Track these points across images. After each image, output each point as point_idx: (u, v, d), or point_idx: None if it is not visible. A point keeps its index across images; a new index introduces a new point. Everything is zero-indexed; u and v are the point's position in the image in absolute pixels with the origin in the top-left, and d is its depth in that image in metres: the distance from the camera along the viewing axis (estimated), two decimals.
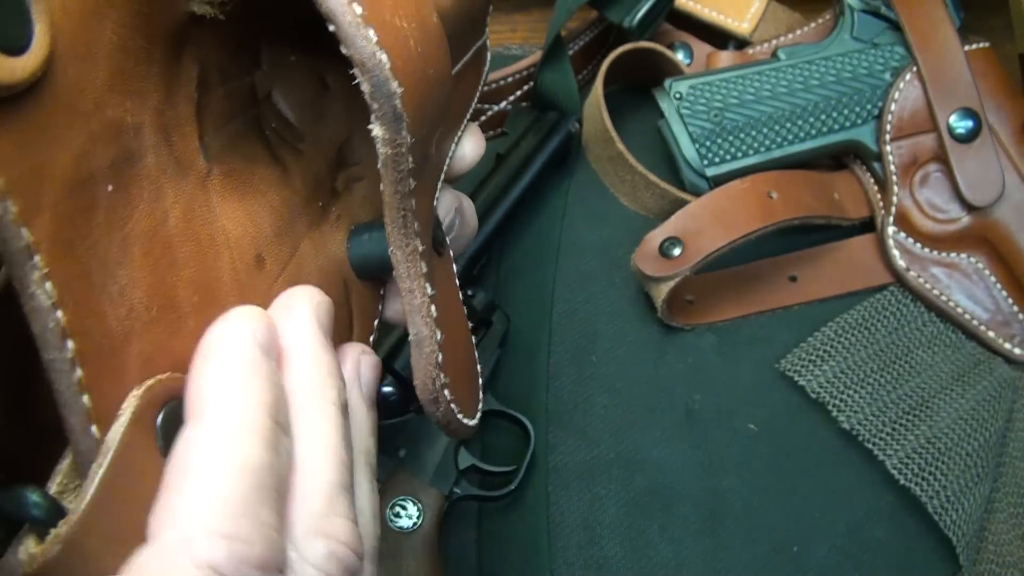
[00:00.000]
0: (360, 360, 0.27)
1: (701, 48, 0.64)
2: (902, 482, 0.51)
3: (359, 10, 0.21)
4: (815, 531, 0.52)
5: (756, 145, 0.57)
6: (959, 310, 0.57)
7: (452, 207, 0.33)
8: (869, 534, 0.52)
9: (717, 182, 0.57)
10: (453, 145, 0.36)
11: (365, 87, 0.22)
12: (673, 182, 0.58)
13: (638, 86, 0.63)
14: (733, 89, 0.57)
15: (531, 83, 0.61)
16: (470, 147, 0.35)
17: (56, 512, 0.19)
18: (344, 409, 0.24)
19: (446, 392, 0.26)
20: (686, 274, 0.52)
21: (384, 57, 0.22)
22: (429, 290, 0.25)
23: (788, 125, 0.58)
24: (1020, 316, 0.57)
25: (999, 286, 0.57)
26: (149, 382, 0.22)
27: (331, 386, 0.24)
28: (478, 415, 0.30)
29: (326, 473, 0.22)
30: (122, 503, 0.20)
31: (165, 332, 0.23)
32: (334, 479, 0.22)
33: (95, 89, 0.22)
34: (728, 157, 0.57)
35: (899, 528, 0.52)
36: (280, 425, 0.21)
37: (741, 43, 0.64)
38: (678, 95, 0.57)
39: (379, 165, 0.23)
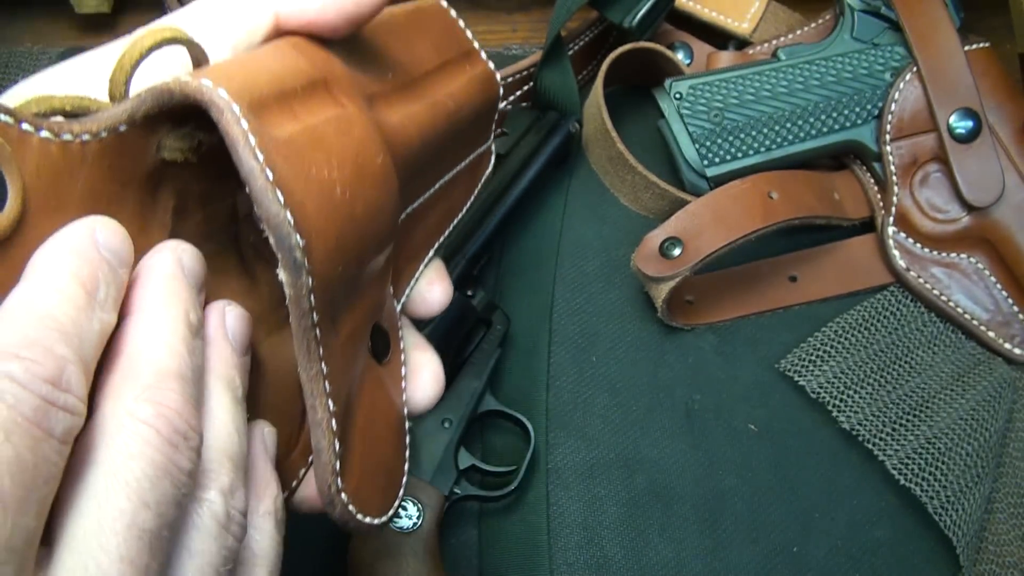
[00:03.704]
0: (224, 310, 0.30)
1: (701, 48, 0.64)
2: (902, 482, 0.52)
3: (271, 175, 0.24)
4: (815, 531, 0.52)
5: (756, 145, 0.57)
6: (959, 310, 0.57)
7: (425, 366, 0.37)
8: (869, 534, 0.52)
9: (717, 182, 0.57)
10: (421, 266, 0.39)
11: (271, 239, 0.25)
12: (673, 182, 0.58)
13: (638, 86, 0.63)
14: (733, 89, 0.57)
15: (531, 83, 0.61)
16: (438, 293, 0.39)
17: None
18: (192, 327, 0.27)
19: (343, 496, 0.30)
20: (686, 274, 0.52)
21: (288, 215, 0.25)
22: (331, 406, 0.29)
23: (788, 125, 0.58)
24: (1020, 316, 0.57)
25: (999, 286, 0.57)
26: None
27: (176, 304, 0.27)
28: (389, 513, 0.33)
29: (159, 359, 0.25)
30: None
31: None
32: (169, 364, 0.25)
33: None
34: (728, 157, 0.57)
35: (899, 528, 0.52)
36: (93, 298, 0.24)
37: (741, 43, 0.64)
38: (678, 95, 0.57)
39: (287, 301, 0.27)
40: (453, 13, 0.43)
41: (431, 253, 0.40)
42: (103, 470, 0.22)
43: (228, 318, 0.30)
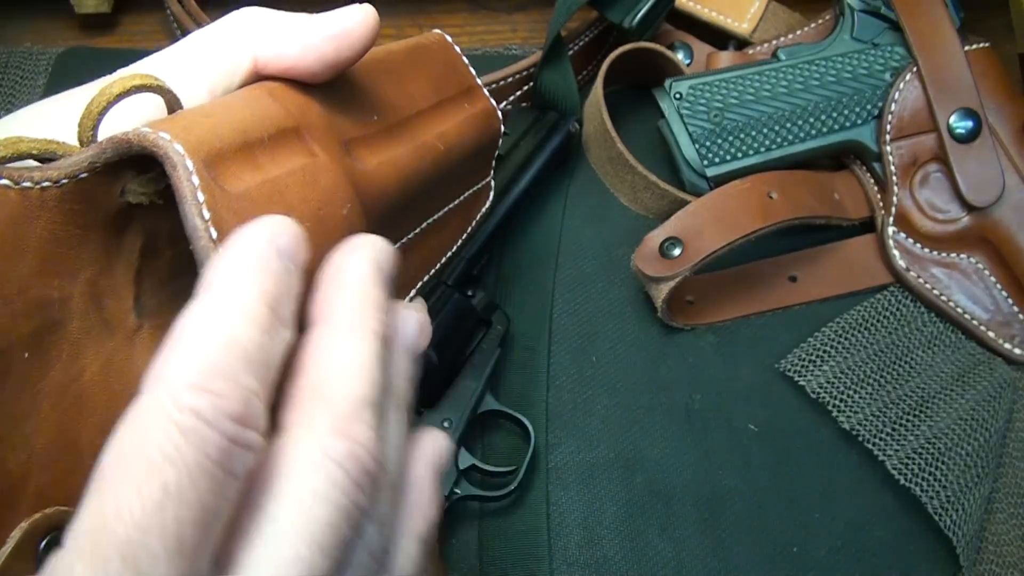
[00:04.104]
0: (403, 314, 0.29)
1: (701, 48, 0.64)
2: (902, 482, 0.52)
3: (215, 234, 0.24)
4: (815, 531, 0.52)
5: (756, 145, 0.57)
6: (959, 310, 0.57)
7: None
8: (869, 534, 0.52)
9: (717, 182, 0.57)
10: (399, 307, 0.38)
11: None
12: (673, 182, 0.58)
13: (638, 86, 0.63)
14: (733, 89, 0.57)
15: (531, 83, 0.61)
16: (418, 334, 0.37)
17: None
18: (384, 340, 0.26)
19: None
20: (686, 274, 0.52)
21: None
22: None
23: (788, 125, 0.58)
24: (1020, 316, 0.57)
25: (999, 286, 0.57)
26: (36, 516, 0.24)
27: (374, 316, 0.26)
28: None
29: (355, 386, 0.24)
30: None
31: (63, 471, 0.25)
32: (363, 392, 0.24)
33: (21, 277, 0.25)
34: (728, 157, 0.57)
35: (899, 528, 0.52)
36: (278, 317, 0.23)
37: (741, 43, 0.64)
38: (678, 95, 0.57)
39: None
40: (457, 49, 0.42)
41: (412, 292, 0.39)
42: (286, 509, 0.22)
43: (408, 324, 0.29)
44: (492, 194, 0.45)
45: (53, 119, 0.28)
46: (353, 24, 0.31)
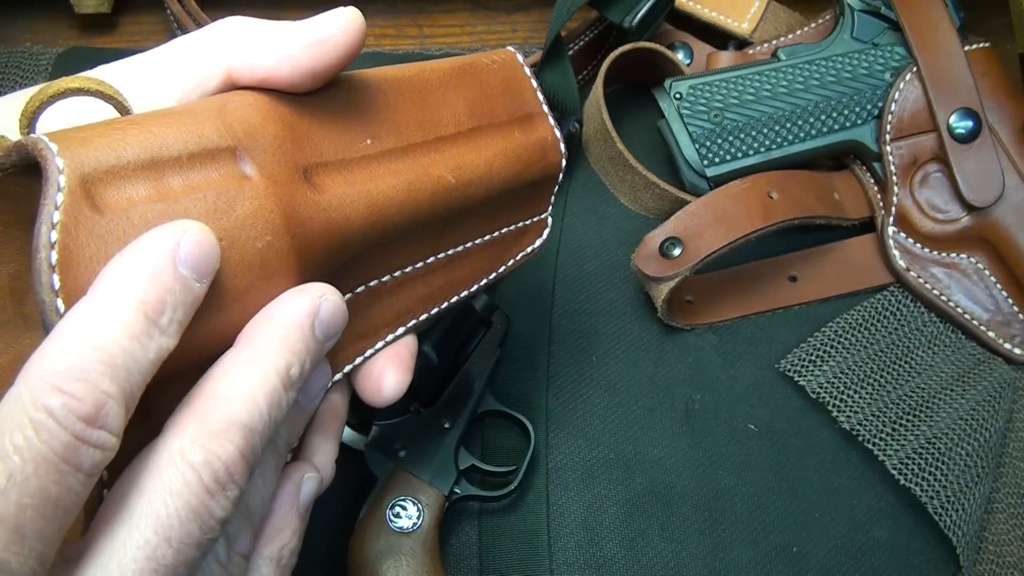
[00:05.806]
0: (321, 369, 0.31)
1: (701, 48, 0.64)
2: (902, 482, 0.52)
3: (54, 258, 0.23)
4: (815, 531, 0.52)
5: (756, 145, 0.57)
6: (959, 310, 0.57)
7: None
8: (869, 534, 0.52)
9: (717, 182, 0.57)
10: (372, 347, 0.35)
11: (42, 321, 0.24)
12: (673, 182, 0.58)
13: (638, 86, 0.63)
14: (733, 89, 0.57)
15: None
16: (390, 382, 0.35)
17: None
18: (287, 382, 0.27)
19: None
20: (686, 274, 0.52)
21: (57, 303, 0.24)
22: None
23: (788, 125, 0.58)
24: (1020, 316, 0.57)
25: (999, 286, 0.57)
26: None
27: (284, 356, 0.27)
28: None
29: (234, 409, 0.25)
30: None
31: None
32: (238, 417, 0.25)
33: None
34: (728, 157, 0.57)
35: (899, 528, 0.52)
36: (156, 325, 0.24)
37: (741, 43, 0.64)
38: (678, 95, 0.57)
39: None
40: (527, 71, 0.39)
41: (399, 332, 0.36)
42: (142, 499, 0.24)
43: (317, 382, 0.31)
44: (547, 231, 0.41)
45: (1, 118, 0.28)
46: (332, 31, 0.29)
